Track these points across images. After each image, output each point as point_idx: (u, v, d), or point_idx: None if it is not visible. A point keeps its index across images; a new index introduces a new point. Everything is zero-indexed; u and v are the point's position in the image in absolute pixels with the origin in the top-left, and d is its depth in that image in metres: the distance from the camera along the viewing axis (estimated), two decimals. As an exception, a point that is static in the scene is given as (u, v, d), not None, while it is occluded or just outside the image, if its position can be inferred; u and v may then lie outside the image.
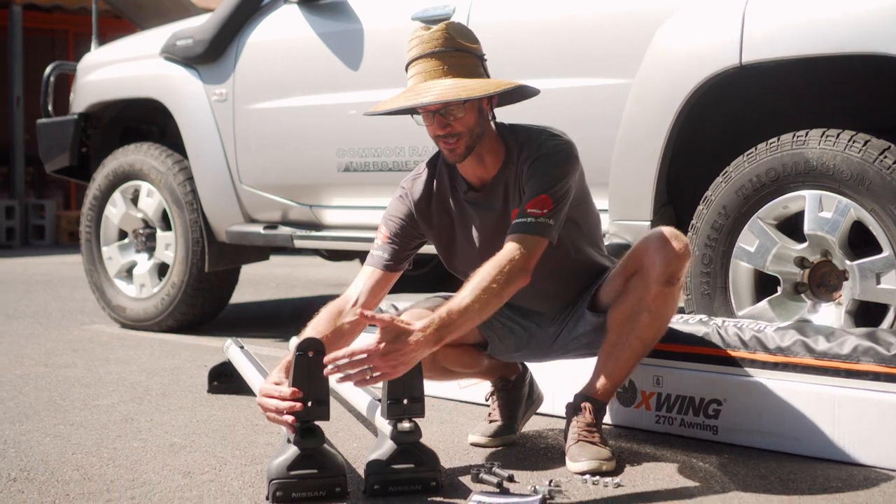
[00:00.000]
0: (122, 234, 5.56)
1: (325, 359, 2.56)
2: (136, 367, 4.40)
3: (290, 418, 2.57)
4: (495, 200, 2.92)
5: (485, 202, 2.93)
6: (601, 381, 2.92)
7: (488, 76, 2.84)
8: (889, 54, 3.14)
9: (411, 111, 2.82)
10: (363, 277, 2.96)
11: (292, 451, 2.61)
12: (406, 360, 2.56)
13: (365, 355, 2.53)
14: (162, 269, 5.39)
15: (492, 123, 2.89)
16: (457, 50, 2.78)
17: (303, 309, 6.47)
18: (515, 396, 3.21)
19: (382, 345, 2.53)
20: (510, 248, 2.73)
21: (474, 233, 2.97)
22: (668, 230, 2.86)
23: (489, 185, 2.92)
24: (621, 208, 3.68)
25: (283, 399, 2.59)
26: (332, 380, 2.59)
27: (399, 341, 2.54)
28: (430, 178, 3.00)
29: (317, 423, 2.62)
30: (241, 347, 3.75)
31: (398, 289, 3.24)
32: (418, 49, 2.79)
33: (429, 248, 3.10)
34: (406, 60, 2.83)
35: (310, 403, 2.60)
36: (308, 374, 2.60)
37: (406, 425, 2.66)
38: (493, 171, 2.91)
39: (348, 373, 2.55)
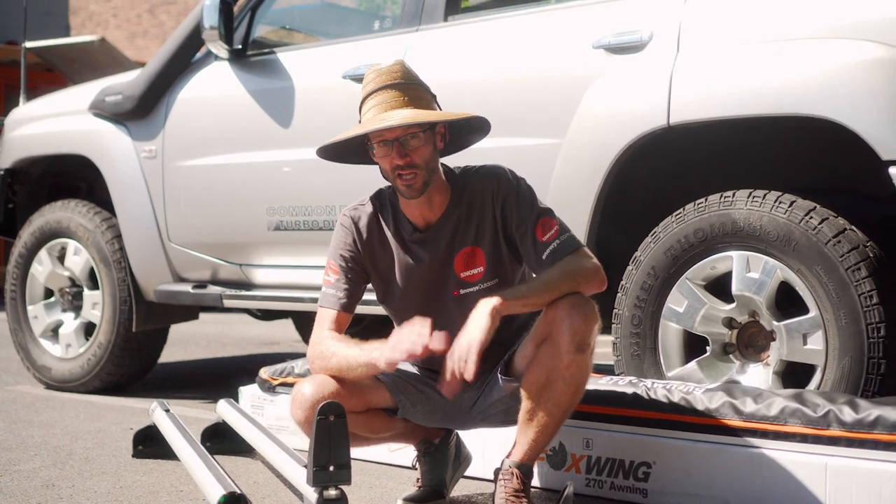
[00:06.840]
0: (49, 293, 5.44)
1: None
2: (60, 430, 4.30)
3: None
4: (441, 240, 2.95)
5: (431, 241, 2.95)
6: (525, 448, 2.86)
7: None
8: (813, 115, 3.18)
9: (362, 148, 2.89)
10: (325, 324, 2.93)
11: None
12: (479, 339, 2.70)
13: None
14: (89, 329, 5.28)
15: (440, 163, 2.93)
16: (414, 83, 2.86)
17: (233, 369, 6.41)
18: (441, 459, 3.17)
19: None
20: (567, 260, 2.83)
21: (420, 272, 2.96)
22: (575, 297, 2.80)
23: (435, 226, 2.95)
24: (552, 268, 3.66)
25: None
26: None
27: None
28: (375, 212, 3.01)
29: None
30: (167, 410, 3.68)
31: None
32: (376, 81, 2.84)
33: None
34: (362, 95, 2.86)
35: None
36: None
37: (332, 493, 2.62)
38: (439, 212, 2.94)
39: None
